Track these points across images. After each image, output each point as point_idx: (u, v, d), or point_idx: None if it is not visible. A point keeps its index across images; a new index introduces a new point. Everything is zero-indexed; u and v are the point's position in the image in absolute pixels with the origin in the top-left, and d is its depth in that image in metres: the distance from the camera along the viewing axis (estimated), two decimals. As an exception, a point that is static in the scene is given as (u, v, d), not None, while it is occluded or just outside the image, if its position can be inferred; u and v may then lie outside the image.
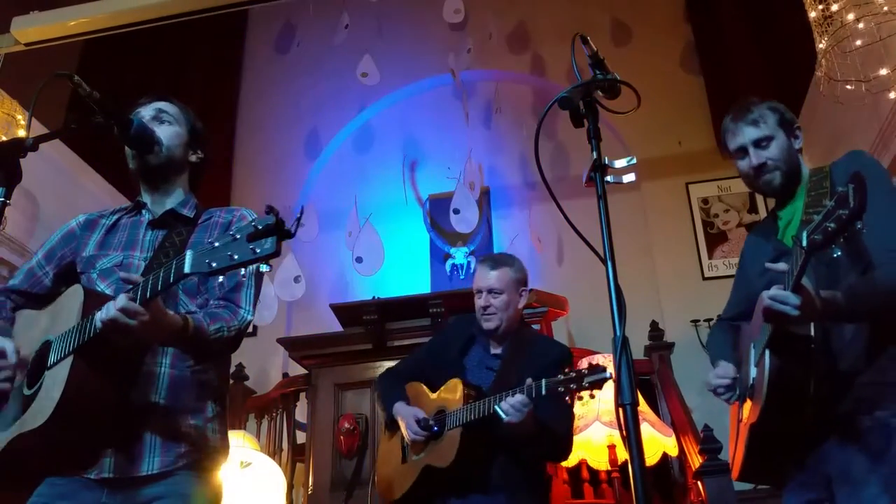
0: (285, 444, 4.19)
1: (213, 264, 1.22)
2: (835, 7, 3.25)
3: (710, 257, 5.52)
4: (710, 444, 3.18)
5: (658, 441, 3.35)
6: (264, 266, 1.22)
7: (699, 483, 3.18)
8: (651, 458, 3.33)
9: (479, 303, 2.39)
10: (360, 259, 5.61)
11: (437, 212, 6.12)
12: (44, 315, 1.61)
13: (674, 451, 3.45)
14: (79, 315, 1.45)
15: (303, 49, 6.65)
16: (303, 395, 4.15)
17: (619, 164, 1.44)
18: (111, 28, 4.63)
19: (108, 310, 1.35)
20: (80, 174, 5.31)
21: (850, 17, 3.21)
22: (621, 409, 1.26)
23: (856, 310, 1.58)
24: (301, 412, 4.22)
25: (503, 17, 6.52)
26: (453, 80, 6.12)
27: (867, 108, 3.72)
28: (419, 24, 6.74)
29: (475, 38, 6.24)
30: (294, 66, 6.95)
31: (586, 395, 1.94)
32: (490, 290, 2.37)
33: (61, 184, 5.01)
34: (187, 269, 1.25)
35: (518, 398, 2.02)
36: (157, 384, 1.56)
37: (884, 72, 3.34)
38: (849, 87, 3.43)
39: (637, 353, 4.37)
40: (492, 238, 6.09)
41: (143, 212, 1.77)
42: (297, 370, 4.45)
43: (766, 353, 1.60)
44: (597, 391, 1.98)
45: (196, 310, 1.63)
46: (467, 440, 2.15)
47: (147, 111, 1.77)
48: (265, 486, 3.44)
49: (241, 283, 1.67)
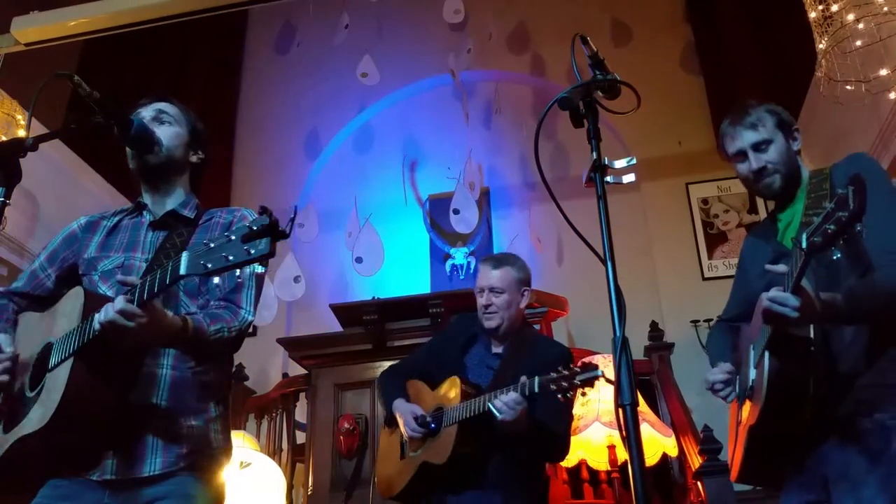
0: (285, 445, 4.19)
1: (209, 265, 1.22)
2: (835, 7, 3.25)
3: (710, 258, 5.52)
4: (709, 445, 3.18)
5: (658, 441, 3.35)
6: (259, 267, 1.23)
7: (699, 483, 3.18)
8: (651, 458, 3.33)
9: (481, 301, 2.40)
10: (359, 259, 5.61)
11: (437, 212, 6.12)
12: (45, 317, 1.61)
13: (673, 452, 3.45)
14: (79, 317, 1.45)
15: (303, 49, 6.65)
16: (303, 395, 4.15)
17: (619, 164, 1.44)
18: (111, 28, 4.63)
19: (106, 312, 1.35)
20: (80, 174, 5.31)
21: (850, 17, 3.21)
22: (621, 410, 1.26)
23: (855, 312, 1.57)
24: (301, 412, 4.22)
25: (503, 18, 6.51)
26: (453, 80, 6.11)
27: (867, 109, 3.72)
28: (419, 25, 6.74)
29: (475, 38, 6.24)
30: (294, 67, 6.95)
31: (587, 396, 1.95)
32: (492, 289, 2.38)
33: (61, 184, 5.01)
34: (183, 270, 1.26)
35: (511, 395, 2.03)
36: (158, 385, 1.56)
37: (884, 72, 3.35)
38: (849, 87, 3.43)
39: (637, 353, 4.37)
40: (491, 238, 6.09)
41: (144, 213, 1.77)
42: (296, 370, 4.45)
43: (766, 354, 1.59)
44: (588, 388, 1.98)
45: (196, 311, 1.63)
46: (463, 437, 2.15)
47: (147, 111, 1.77)
48: (265, 486, 3.44)
49: (241, 284, 1.67)
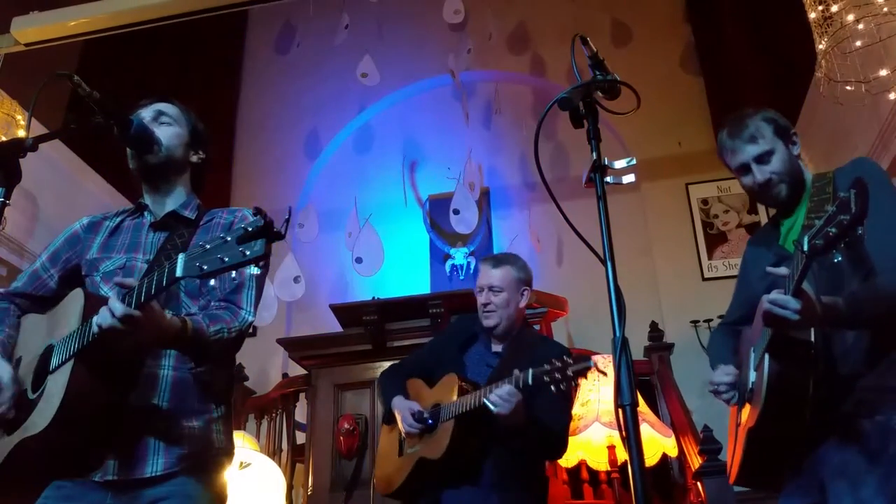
0: (285, 445, 4.19)
1: (204, 267, 1.23)
2: (835, 8, 3.25)
3: (710, 258, 5.52)
4: (709, 445, 3.18)
5: (658, 442, 3.34)
6: (255, 268, 1.23)
7: (699, 484, 3.18)
8: (651, 458, 3.33)
9: (480, 300, 2.42)
10: (359, 259, 5.61)
11: (437, 212, 6.13)
12: (47, 319, 1.61)
13: (673, 452, 3.45)
14: (80, 319, 1.45)
15: (303, 50, 6.65)
16: (302, 395, 4.15)
17: (619, 164, 1.44)
18: (111, 28, 4.63)
19: (103, 315, 1.35)
20: (79, 174, 5.31)
21: (850, 17, 3.21)
22: (621, 410, 1.26)
23: (857, 316, 1.57)
24: (301, 413, 4.22)
25: (503, 18, 6.51)
26: (453, 80, 6.11)
27: (867, 109, 3.72)
28: (419, 25, 6.74)
29: (475, 38, 6.24)
30: (294, 67, 6.95)
31: (587, 396, 1.95)
32: (491, 288, 2.40)
33: (61, 184, 5.01)
34: (179, 272, 1.26)
35: (505, 388, 2.04)
36: (159, 386, 1.56)
37: (884, 72, 3.34)
38: (849, 87, 3.42)
39: (637, 353, 4.37)
40: (491, 239, 6.09)
41: (146, 214, 1.77)
42: (296, 370, 4.45)
43: (766, 357, 1.59)
44: (582, 379, 2.01)
45: (197, 311, 1.63)
46: (459, 432, 2.16)
47: (147, 112, 1.77)
48: (265, 486, 3.44)
49: (242, 284, 1.67)
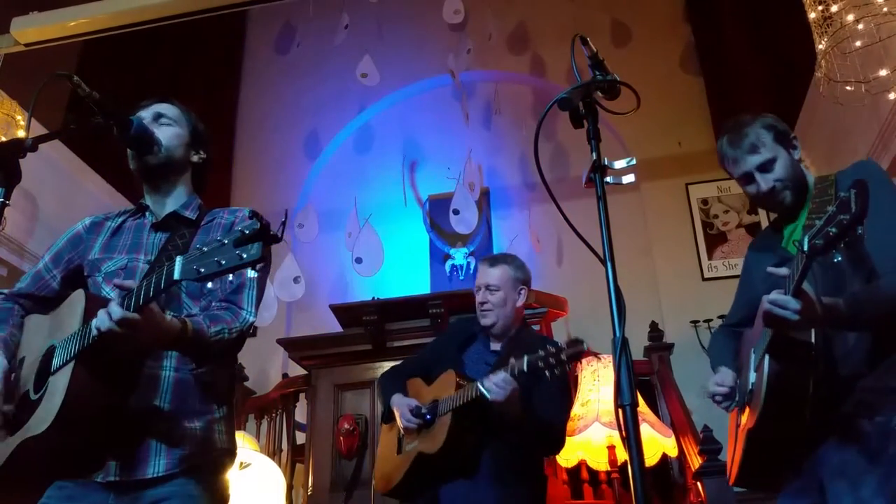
0: (285, 445, 4.19)
1: (202, 270, 1.24)
2: (834, 8, 3.25)
3: (710, 258, 5.52)
4: (709, 445, 3.18)
5: (658, 442, 3.34)
6: (252, 271, 1.25)
7: (699, 484, 3.18)
8: (651, 458, 3.33)
9: (478, 298, 2.45)
10: (359, 260, 5.61)
11: (437, 212, 6.12)
12: (49, 319, 1.62)
13: (673, 452, 3.45)
14: (81, 320, 1.45)
15: (303, 50, 6.65)
16: (302, 395, 4.15)
17: (619, 164, 1.44)
18: (111, 28, 4.63)
19: (101, 318, 1.35)
20: (79, 175, 5.31)
21: (850, 17, 3.21)
22: (621, 410, 1.26)
23: (858, 317, 1.57)
24: (301, 413, 4.22)
25: (503, 18, 6.52)
26: (453, 80, 6.11)
27: (867, 109, 3.72)
28: (419, 25, 6.74)
29: (475, 38, 6.24)
30: (294, 67, 6.95)
31: (587, 396, 1.95)
32: (487, 287, 2.43)
33: (61, 184, 5.01)
34: (177, 275, 1.27)
35: (500, 375, 2.07)
36: (160, 388, 1.56)
37: (883, 73, 3.34)
38: (848, 87, 3.42)
39: (637, 353, 4.37)
40: (491, 239, 6.09)
41: (147, 214, 1.78)
42: (296, 371, 4.45)
43: (766, 357, 1.59)
44: (576, 363, 2.05)
45: (198, 312, 1.63)
46: (456, 425, 2.18)
47: (147, 112, 1.78)
48: (265, 486, 3.44)
49: (243, 285, 1.67)
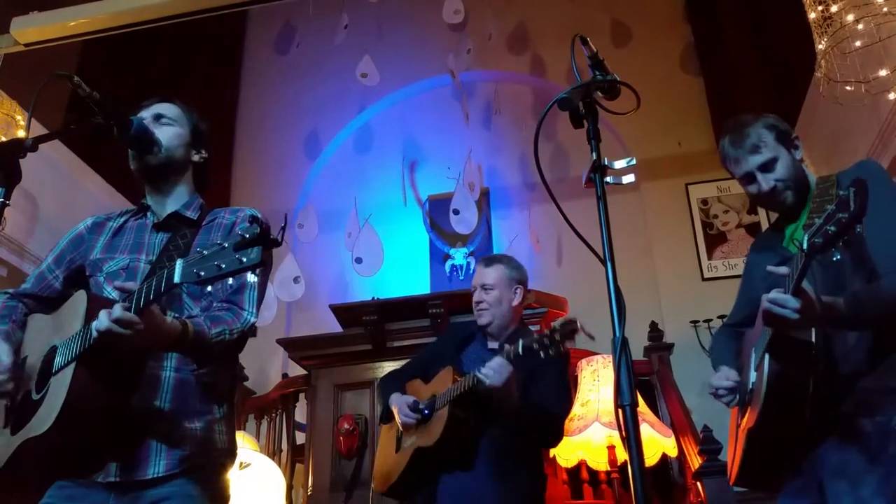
0: (285, 445, 4.19)
1: (202, 273, 1.25)
2: (834, 8, 3.25)
3: (710, 258, 5.52)
4: (709, 445, 3.18)
5: (657, 442, 3.34)
6: (251, 276, 1.26)
7: (698, 484, 3.18)
8: (650, 458, 3.33)
9: (474, 298, 2.49)
10: (359, 260, 5.61)
11: (437, 212, 6.12)
12: (51, 319, 1.62)
13: (673, 452, 3.44)
14: (82, 321, 1.45)
15: (302, 50, 6.64)
16: (302, 395, 4.15)
17: (619, 164, 1.44)
18: (111, 28, 4.62)
19: (102, 320, 1.36)
20: (79, 175, 5.31)
21: (850, 17, 3.21)
22: (621, 410, 1.26)
23: (858, 316, 1.57)
24: (300, 413, 4.22)
25: (503, 18, 6.51)
26: (453, 80, 6.11)
27: (867, 109, 3.71)
28: (419, 25, 6.74)
29: (475, 38, 6.24)
30: (294, 67, 6.95)
31: (587, 396, 1.94)
32: (483, 286, 2.47)
33: (61, 184, 5.01)
34: (177, 279, 1.28)
35: (496, 360, 2.10)
36: (161, 388, 1.56)
37: (883, 73, 3.34)
38: (848, 87, 3.42)
39: (636, 353, 4.37)
40: (491, 239, 6.08)
41: (148, 214, 1.78)
42: (296, 371, 4.45)
43: (766, 357, 1.59)
44: (570, 342, 2.06)
45: (198, 313, 1.63)
46: (453, 416, 2.19)
47: (148, 113, 1.79)
48: (264, 486, 3.44)
49: (244, 285, 1.67)
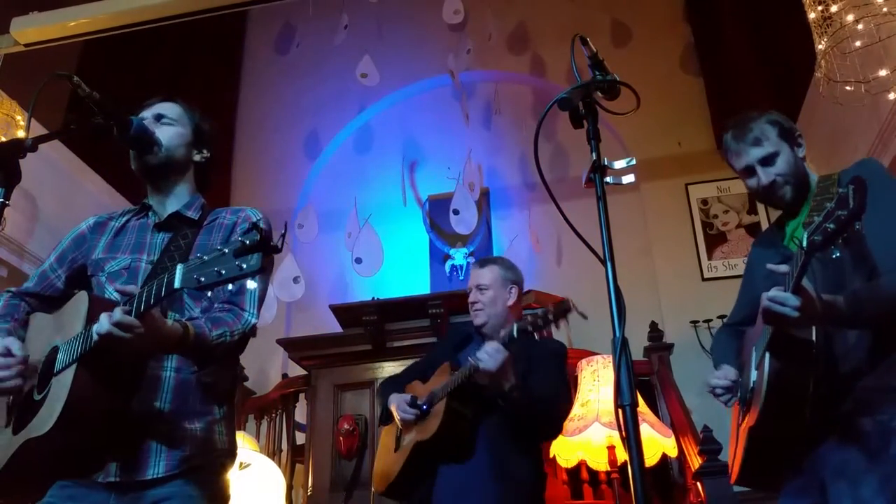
0: (284, 445, 4.19)
1: (202, 279, 1.25)
2: (834, 8, 3.25)
3: (710, 258, 5.52)
4: (709, 445, 3.18)
5: (657, 442, 3.34)
6: (251, 282, 1.27)
7: (698, 484, 3.18)
8: (650, 458, 3.33)
9: (469, 299, 2.50)
10: (359, 260, 5.61)
11: (437, 213, 6.12)
12: (53, 319, 1.62)
13: (673, 452, 3.44)
14: (84, 322, 1.45)
15: (302, 50, 6.64)
16: (302, 395, 4.15)
17: (619, 165, 1.44)
18: (111, 28, 4.62)
19: (102, 323, 1.36)
20: (79, 175, 5.31)
21: (850, 18, 3.21)
22: (621, 411, 1.26)
23: (858, 315, 1.57)
24: (300, 413, 4.22)
25: (503, 18, 6.51)
26: (452, 80, 6.11)
27: (867, 109, 3.72)
28: (419, 25, 6.74)
29: (475, 38, 6.24)
30: (294, 67, 6.95)
31: (587, 396, 1.94)
32: (478, 287, 2.48)
33: (60, 184, 5.00)
34: (177, 284, 1.28)
35: (492, 344, 2.12)
36: (162, 389, 1.56)
37: (883, 73, 3.34)
38: (848, 88, 3.42)
39: (636, 354, 4.37)
40: (491, 239, 6.08)
41: (150, 214, 1.78)
42: (296, 371, 4.45)
43: (766, 355, 1.59)
44: (563, 322, 2.10)
45: (199, 315, 1.63)
46: (451, 408, 2.21)
47: (149, 112, 1.79)
48: (264, 487, 3.44)
49: (245, 287, 1.67)
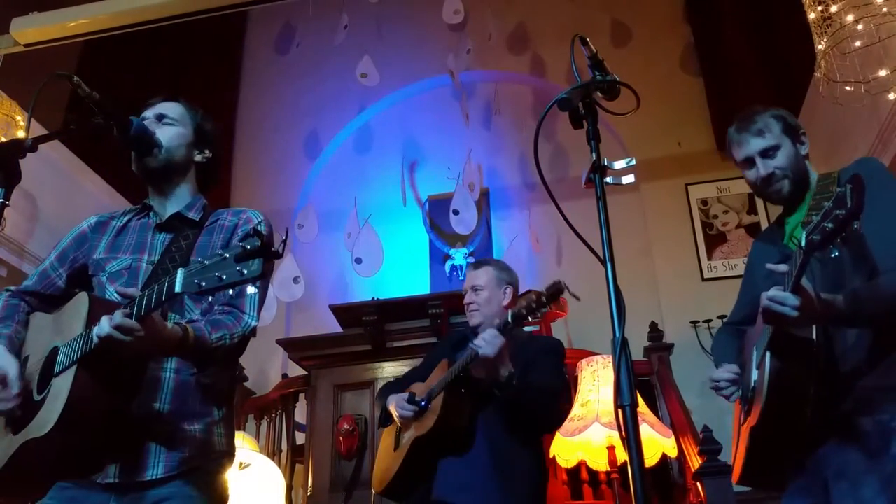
0: (284, 446, 4.19)
1: (203, 284, 1.26)
2: (834, 8, 3.25)
3: (710, 258, 5.52)
4: (709, 445, 3.18)
5: (657, 442, 3.34)
6: (251, 287, 1.27)
7: (698, 484, 3.18)
8: (650, 459, 3.33)
9: (465, 300, 2.50)
10: (359, 260, 5.61)
11: (437, 213, 6.12)
12: (53, 320, 1.62)
13: (673, 453, 3.44)
14: (84, 323, 1.45)
15: (302, 50, 6.64)
16: (302, 396, 4.15)
17: (619, 165, 1.44)
18: (111, 29, 4.62)
19: (103, 325, 1.36)
20: (79, 175, 5.31)
21: (850, 18, 3.21)
22: (620, 411, 1.26)
23: (857, 314, 1.57)
24: (300, 413, 4.22)
25: (503, 18, 6.51)
26: (452, 80, 6.11)
27: (866, 109, 3.72)
28: (419, 25, 6.74)
29: (475, 38, 6.24)
30: (294, 67, 6.95)
31: (587, 396, 1.94)
32: (473, 288, 2.49)
33: (60, 184, 5.01)
34: (178, 288, 1.29)
35: (489, 330, 2.13)
36: (161, 390, 1.56)
37: (883, 73, 3.34)
38: (848, 88, 3.42)
39: (636, 354, 4.37)
40: (491, 239, 6.08)
41: (151, 214, 1.78)
42: (296, 371, 4.45)
43: (767, 355, 1.59)
44: (555, 304, 2.11)
45: (199, 317, 1.63)
46: (449, 400, 2.21)
47: (151, 112, 1.79)
48: (264, 487, 3.44)
49: (245, 290, 1.67)
